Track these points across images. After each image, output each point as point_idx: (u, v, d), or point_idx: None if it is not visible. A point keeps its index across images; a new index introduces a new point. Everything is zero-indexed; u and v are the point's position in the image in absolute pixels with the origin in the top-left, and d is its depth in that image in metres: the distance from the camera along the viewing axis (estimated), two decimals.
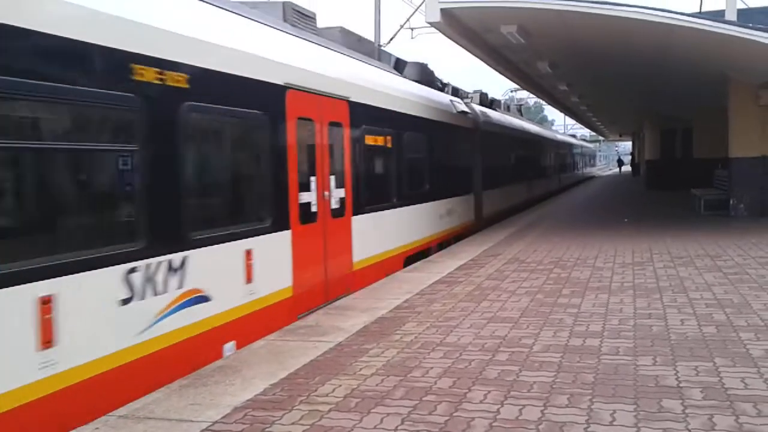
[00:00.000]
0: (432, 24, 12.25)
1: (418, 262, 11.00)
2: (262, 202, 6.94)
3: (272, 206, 7.03)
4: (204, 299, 5.74)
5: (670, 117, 29.33)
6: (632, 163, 55.96)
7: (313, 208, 7.90)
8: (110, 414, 4.40)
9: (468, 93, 20.39)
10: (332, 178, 8.43)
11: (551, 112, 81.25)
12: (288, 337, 6.26)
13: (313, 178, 7.95)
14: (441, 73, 17.57)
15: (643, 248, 11.52)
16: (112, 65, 4.85)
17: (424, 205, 12.37)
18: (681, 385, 4.56)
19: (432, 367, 5.15)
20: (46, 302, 4.19)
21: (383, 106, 10.46)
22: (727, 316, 6.48)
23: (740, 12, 16.73)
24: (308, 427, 4.04)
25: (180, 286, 5.46)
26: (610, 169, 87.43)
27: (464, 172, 15.81)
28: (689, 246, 11.56)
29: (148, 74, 5.16)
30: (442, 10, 11.87)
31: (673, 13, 11.40)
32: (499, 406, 4.28)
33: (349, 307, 7.54)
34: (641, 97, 26.04)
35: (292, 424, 4.10)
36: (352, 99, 9.09)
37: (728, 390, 4.43)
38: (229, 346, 6.01)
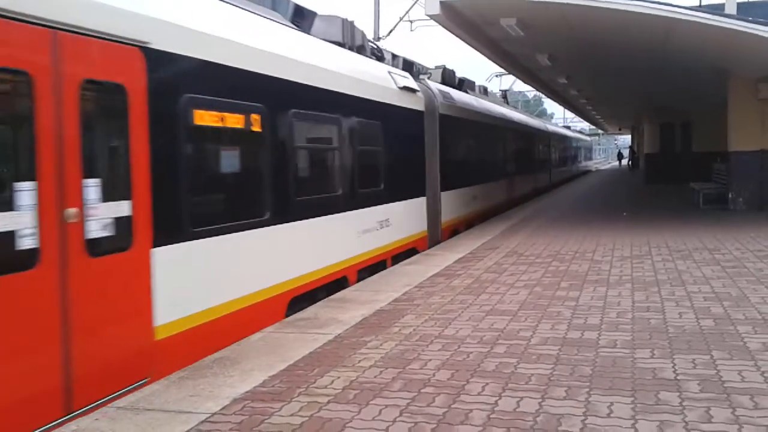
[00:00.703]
0: (431, 16, 12.22)
1: (416, 255, 10.99)
2: None
3: None
4: None
5: (669, 110, 29.32)
6: (630, 157, 55.60)
7: (29, 242, 4.36)
8: (109, 405, 4.42)
9: (428, 69, 16.81)
10: (91, 183, 4.84)
11: (551, 106, 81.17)
12: (287, 329, 6.28)
13: (27, 186, 4.39)
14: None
15: (641, 241, 11.54)
16: None
17: (328, 218, 8.54)
18: (678, 377, 4.58)
19: (430, 360, 5.16)
20: None
21: (241, 66, 6.72)
22: (724, 310, 6.50)
23: (740, 5, 16.73)
24: (307, 418, 4.06)
25: None
26: (609, 163, 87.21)
27: (410, 169, 12.04)
28: (688, 239, 11.58)
29: None
30: (441, 2, 11.83)
31: (673, 6, 11.39)
32: (497, 398, 4.29)
33: (348, 300, 7.55)
34: (640, 91, 26.01)
35: (291, 415, 4.12)
36: (157, 46, 5.49)
37: (725, 383, 4.45)
38: None
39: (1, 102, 4.58)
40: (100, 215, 4.93)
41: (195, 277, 5.91)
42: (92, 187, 4.87)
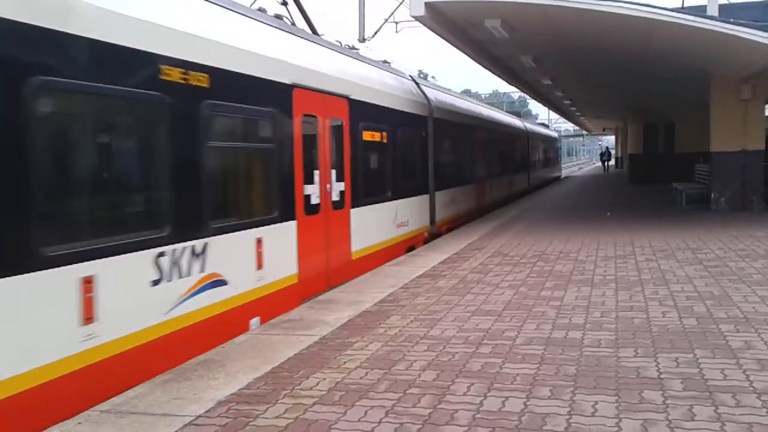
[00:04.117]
0: (416, 18, 12.24)
1: (402, 256, 11.02)
2: None
3: None
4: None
5: (652, 112, 29.58)
6: (609, 158, 54.64)
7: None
8: (93, 409, 4.38)
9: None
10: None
11: (535, 107, 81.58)
12: (272, 331, 6.25)
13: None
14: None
15: (625, 241, 11.61)
16: None
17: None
18: (662, 376, 4.61)
19: (416, 360, 5.17)
20: None
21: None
22: (707, 309, 6.56)
23: (721, 7, 16.87)
24: (292, 420, 4.05)
25: None
26: (594, 163, 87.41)
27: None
28: (671, 239, 11.67)
29: None
30: (426, 3, 11.86)
31: (655, 7, 11.48)
32: (482, 398, 4.30)
33: (333, 301, 7.54)
34: (624, 93, 26.21)
35: (276, 417, 4.10)
36: None
37: (708, 381, 4.49)
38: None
39: None
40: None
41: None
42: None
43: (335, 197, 8.98)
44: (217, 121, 6.50)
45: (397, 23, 22.76)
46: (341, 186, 9.21)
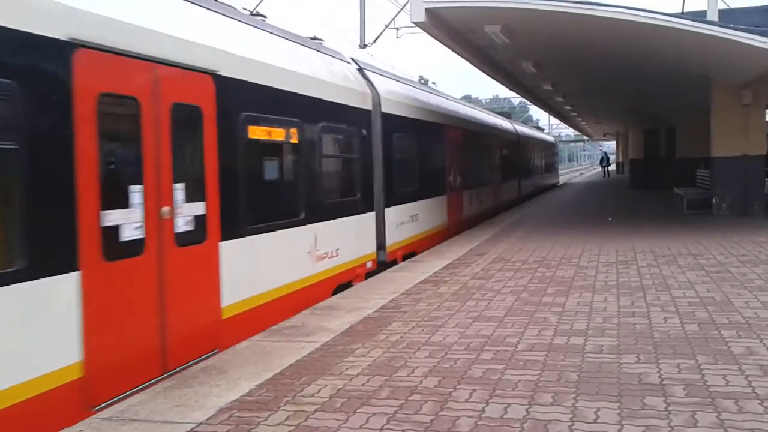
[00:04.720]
0: (417, 24, 12.26)
1: (404, 262, 11.00)
2: None
3: None
4: None
5: (653, 117, 29.59)
6: (608, 163, 54.66)
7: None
8: (94, 416, 4.38)
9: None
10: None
11: (536, 112, 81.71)
12: (273, 338, 6.25)
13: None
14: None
15: (626, 247, 11.61)
16: None
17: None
18: (664, 382, 4.61)
19: (417, 367, 5.16)
20: None
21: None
22: (709, 314, 6.55)
23: (722, 12, 16.90)
24: (294, 427, 4.04)
25: None
26: (595, 168, 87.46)
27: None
28: (672, 245, 11.66)
29: None
30: (427, 9, 11.88)
31: (655, 13, 11.50)
32: (484, 404, 4.30)
33: (335, 307, 7.54)
34: (625, 98, 26.23)
35: (278, 424, 4.10)
36: None
37: (710, 387, 4.48)
38: None
39: None
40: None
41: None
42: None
43: (184, 226, 6.04)
44: None
45: (397, 29, 22.86)
46: (199, 208, 6.27)
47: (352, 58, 11.40)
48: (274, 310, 7.34)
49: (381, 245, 11.04)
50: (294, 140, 8.21)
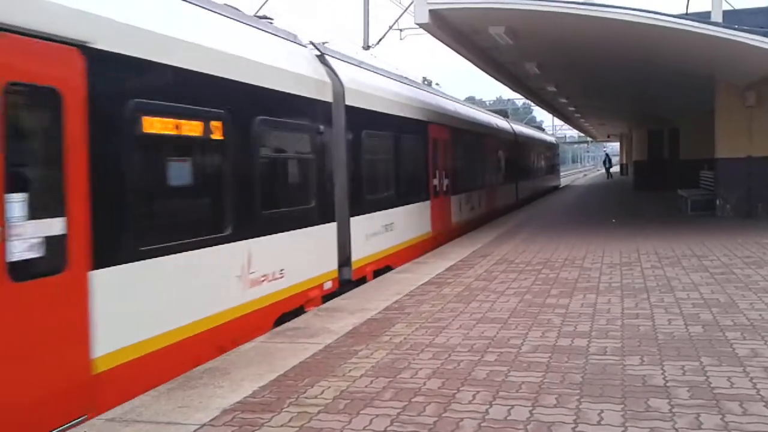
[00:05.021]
0: (421, 25, 12.25)
1: (407, 264, 10.99)
2: None
3: None
4: None
5: (657, 118, 29.55)
6: (610, 164, 54.69)
7: None
8: (97, 418, 4.39)
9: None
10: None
11: (540, 114, 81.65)
12: (277, 339, 6.25)
13: None
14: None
15: (630, 248, 11.58)
16: None
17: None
18: (668, 384, 4.59)
19: (421, 368, 5.15)
20: None
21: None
22: (713, 316, 6.53)
23: (726, 13, 16.86)
24: (297, 429, 4.04)
25: None
26: (598, 170, 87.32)
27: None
28: (676, 246, 11.64)
29: None
30: (430, 11, 11.87)
31: (659, 14, 11.48)
32: (488, 406, 4.29)
33: (338, 309, 7.53)
34: (629, 99, 26.20)
35: (281, 426, 4.10)
36: None
37: (714, 389, 4.47)
38: None
39: None
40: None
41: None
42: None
43: (24, 252, 4.34)
44: None
45: (401, 30, 22.79)
46: (54, 225, 4.58)
47: (312, 42, 9.71)
48: (180, 352, 5.69)
49: (345, 261, 9.43)
50: (217, 136, 6.51)
